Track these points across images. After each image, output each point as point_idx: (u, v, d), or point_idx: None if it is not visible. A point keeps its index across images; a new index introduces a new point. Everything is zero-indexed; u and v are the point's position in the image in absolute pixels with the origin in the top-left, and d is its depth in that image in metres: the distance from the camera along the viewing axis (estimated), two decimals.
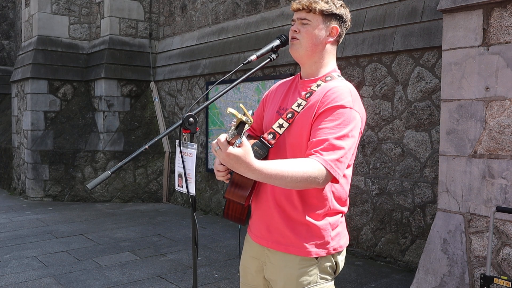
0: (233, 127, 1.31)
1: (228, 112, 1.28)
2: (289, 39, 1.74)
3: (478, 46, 3.13)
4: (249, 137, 1.81)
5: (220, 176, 1.74)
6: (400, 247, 4.63)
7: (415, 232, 4.52)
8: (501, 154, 3.02)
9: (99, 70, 8.32)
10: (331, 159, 1.49)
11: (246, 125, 1.30)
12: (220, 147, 1.34)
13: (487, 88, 3.08)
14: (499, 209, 2.83)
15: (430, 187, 4.41)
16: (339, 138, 1.52)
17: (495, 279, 2.72)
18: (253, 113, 1.34)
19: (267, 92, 1.94)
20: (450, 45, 3.29)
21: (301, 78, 1.78)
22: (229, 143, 1.33)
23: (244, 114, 1.28)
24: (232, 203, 1.76)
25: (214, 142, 1.38)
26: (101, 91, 8.29)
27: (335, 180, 1.54)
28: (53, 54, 8.57)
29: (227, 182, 1.74)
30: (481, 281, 2.76)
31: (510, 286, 2.62)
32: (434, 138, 4.40)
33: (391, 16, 4.81)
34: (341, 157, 1.52)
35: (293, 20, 1.73)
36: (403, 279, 4.25)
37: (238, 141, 1.32)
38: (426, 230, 4.33)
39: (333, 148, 1.51)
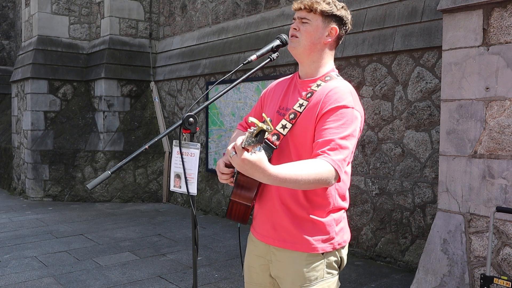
0: (248, 134, 1.31)
1: (250, 121, 1.30)
2: (289, 36, 1.76)
3: (478, 46, 3.13)
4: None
5: (224, 179, 1.76)
6: (400, 247, 4.63)
7: (415, 232, 4.51)
8: (501, 154, 3.02)
9: (99, 70, 8.32)
10: (338, 159, 1.53)
11: (266, 133, 1.32)
12: (235, 153, 1.35)
13: (487, 88, 3.08)
14: (499, 209, 2.83)
15: (430, 187, 4.41)
16: (344, 138, 1.56)
17: (495, 279, 2.72)
18: (271, 121, 1.37)
19: (264, 90, 1.95)
20: (450, 45, 3.29)
21: (299, 77, 1.80)
22: (244, 149, 1.34)
23: (265, 122, 1.30)
24: (236, 204, 1.77)
25: (230, 147, 1.39)
26: (101, 91, 8.29)
27: (338, 179, 1.57)
28: (53, 54, 8.57)
29: (231, 184, 1.76)
30: (481, 281, 2.76)
31: (510, 286, 2.62)
32: (434, 138, 4.40)
33: (391, 16, 4.81)
34: (346, 157, 1.57)
35: (294, 19, 1.75)
36: (403, 279, 4.25)
37: (257, 148, 1.33)
38: (426, 230, 4.33)
39: (340, 148, 1.55)
